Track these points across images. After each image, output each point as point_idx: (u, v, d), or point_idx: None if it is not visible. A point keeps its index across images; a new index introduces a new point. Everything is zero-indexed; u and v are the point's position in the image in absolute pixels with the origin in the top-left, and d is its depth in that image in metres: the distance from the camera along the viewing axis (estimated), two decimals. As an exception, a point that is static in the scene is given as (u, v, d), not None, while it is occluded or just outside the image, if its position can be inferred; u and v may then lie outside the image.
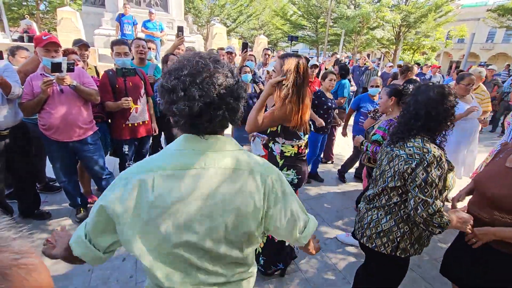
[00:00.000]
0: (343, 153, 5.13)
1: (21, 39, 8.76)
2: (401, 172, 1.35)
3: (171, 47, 3.50)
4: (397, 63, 11.87)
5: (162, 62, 3.28)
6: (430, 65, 9.41)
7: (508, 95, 7.16)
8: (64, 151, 2.51)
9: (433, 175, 1.27)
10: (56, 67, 2.17)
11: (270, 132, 1.92)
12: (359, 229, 1.61)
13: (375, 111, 2.89)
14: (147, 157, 1.29)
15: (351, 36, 20.35)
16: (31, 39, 7.89)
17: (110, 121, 2.95)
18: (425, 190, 1.27)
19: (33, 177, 2.82)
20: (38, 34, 2.46)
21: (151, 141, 3.38)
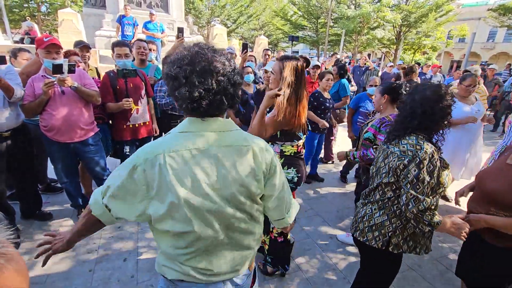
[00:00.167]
0: (343, 153, 5.11)
1: (22, 41, 8.78)
2: (394, 168, 1.36)
3: (171, 48, 3.51)
4: (398, 63, 11.85)
5: (163, 63, 3.29)
6: (430, 64, 9.39)
7: (509, 95, 7.14)
8: (65, 152, 2.53)
9: (425, 172, 1.28)
10: (57, 69, 2.19)
11: (270, 137, 1.92)
12: (353, 224, 1.62)
13: (374, 112, 2.89)
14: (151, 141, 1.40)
15: (351, 36, 20.32)
16: (32, 41, 7.91)
17: (111, 122, 2.96)
18: (417, 186, 1.29)
19: (34, 178, 2.83)
20: (39, 36, 2.47)
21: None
